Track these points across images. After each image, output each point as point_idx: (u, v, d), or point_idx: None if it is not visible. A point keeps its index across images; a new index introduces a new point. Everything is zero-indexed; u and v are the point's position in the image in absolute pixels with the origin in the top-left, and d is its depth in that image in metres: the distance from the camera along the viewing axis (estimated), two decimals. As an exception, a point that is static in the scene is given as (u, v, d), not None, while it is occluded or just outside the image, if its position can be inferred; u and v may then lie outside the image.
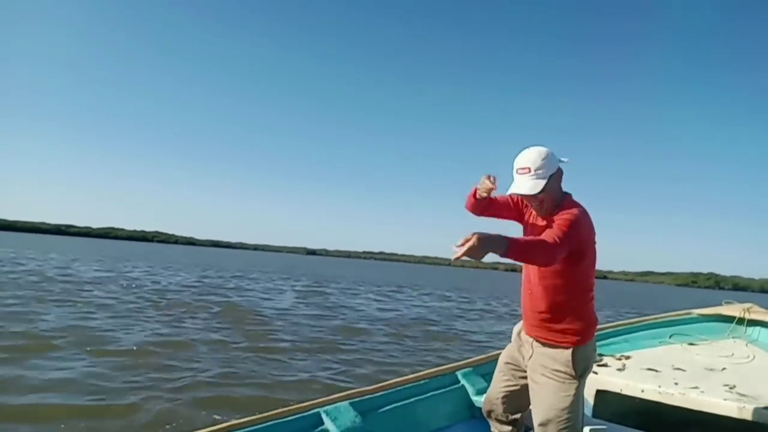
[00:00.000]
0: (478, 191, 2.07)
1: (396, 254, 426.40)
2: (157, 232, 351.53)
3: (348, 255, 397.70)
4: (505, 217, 2.18)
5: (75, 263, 22.74)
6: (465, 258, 1.54)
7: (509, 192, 1.97)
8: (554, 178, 1.94)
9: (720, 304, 3.77)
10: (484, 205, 2.12)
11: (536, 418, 2.00)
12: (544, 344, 2.02)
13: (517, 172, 1.94)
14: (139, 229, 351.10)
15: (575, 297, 1.98)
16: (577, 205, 1.97)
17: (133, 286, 14.09)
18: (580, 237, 1.86)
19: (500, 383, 2.22)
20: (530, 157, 1.92)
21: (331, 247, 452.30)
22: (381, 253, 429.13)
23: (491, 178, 2.00)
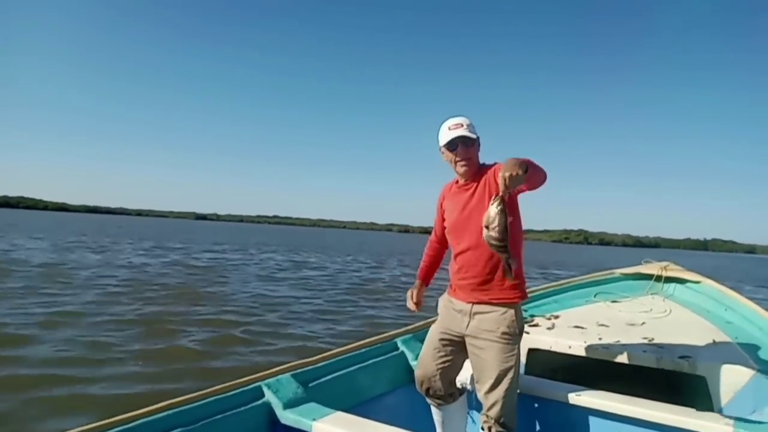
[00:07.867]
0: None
1: (291, 218, 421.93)
2: (21, 197, 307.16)
3: (240, 219, 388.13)
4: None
5: None
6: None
7: (446, 141, 2.05)
8: (479, 141, 2.12)
9: (640, 264, 3.97)
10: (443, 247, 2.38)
11: (483, 383, 2.05)
12: (486, 307, 2.08)
13: (449, 129, 2.07)
14: (1, 194, 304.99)
15: (516, 254, 2.03)
16: None
17: None
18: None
19: (436, 360, 2.23)
20: (460, 118, 2.09)
21: (222, 212, 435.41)
22: (275, 216, 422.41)
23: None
